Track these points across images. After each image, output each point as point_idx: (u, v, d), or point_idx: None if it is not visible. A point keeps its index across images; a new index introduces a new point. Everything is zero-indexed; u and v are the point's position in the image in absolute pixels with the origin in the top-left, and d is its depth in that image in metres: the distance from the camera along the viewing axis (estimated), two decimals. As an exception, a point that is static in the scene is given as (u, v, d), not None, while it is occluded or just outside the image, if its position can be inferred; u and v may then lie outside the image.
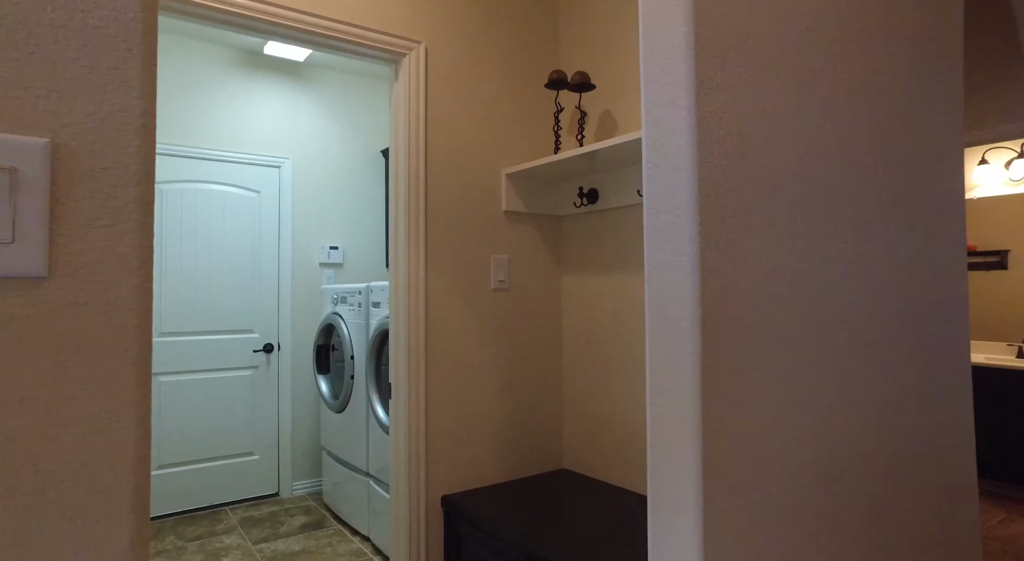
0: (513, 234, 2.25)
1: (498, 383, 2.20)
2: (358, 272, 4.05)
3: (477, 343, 2.15)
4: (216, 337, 3.55)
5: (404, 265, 2.02)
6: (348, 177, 4.03)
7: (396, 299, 2.05)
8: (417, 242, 2.03)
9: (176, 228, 3.45)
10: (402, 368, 2.02)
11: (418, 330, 2.02)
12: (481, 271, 2.16)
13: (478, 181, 2.15)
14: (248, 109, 3.68)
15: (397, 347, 2.04)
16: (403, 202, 2.02)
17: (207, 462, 3.51)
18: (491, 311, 2.18)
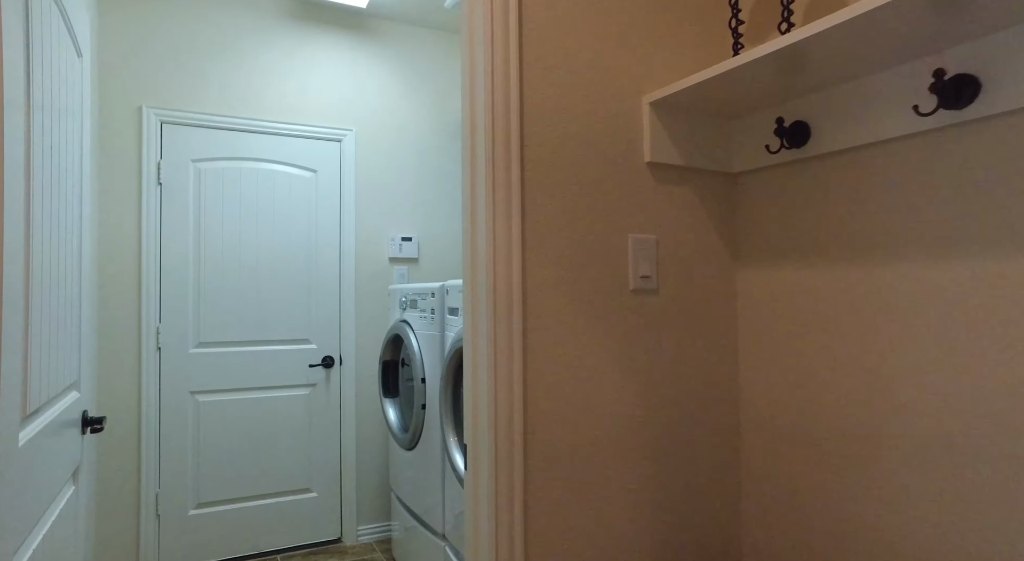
0: (662, 202, 1.39)
1: (640, 444, 1.34)
2: (437, 269, 3.31)
3: (607, 379, 1.30)
4: (266, 349, 2.91)
5: (485, 253, 1.21)
6: (423, 152, 3.30)
7: (472, 308, 1.24)
8: (507, 214, 1.21)
9: (216, 215, 2.84)
10: (484, 423, 1.21)
11: (510, 360, 1.20)
12: (612, 261, 1.32)
13: (604, 118, 1.31)
14: (301, 71, 3.03)
15: (475, 387, 1.24)
16: (483, 154, 1.22)
17: (256, 500, 2.89)
18: (630, 325, 1.34)
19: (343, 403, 3.06)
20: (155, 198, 2.73)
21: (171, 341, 2.75)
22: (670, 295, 1.40)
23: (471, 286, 1.25)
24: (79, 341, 1.51)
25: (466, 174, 1.27)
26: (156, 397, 2.71)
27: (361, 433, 3.11)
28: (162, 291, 2.74)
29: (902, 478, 1.14)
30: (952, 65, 1.03)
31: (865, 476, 1.20)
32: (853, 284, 1.23)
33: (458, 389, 2.18)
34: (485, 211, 1.20)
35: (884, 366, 1.17)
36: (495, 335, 1.20)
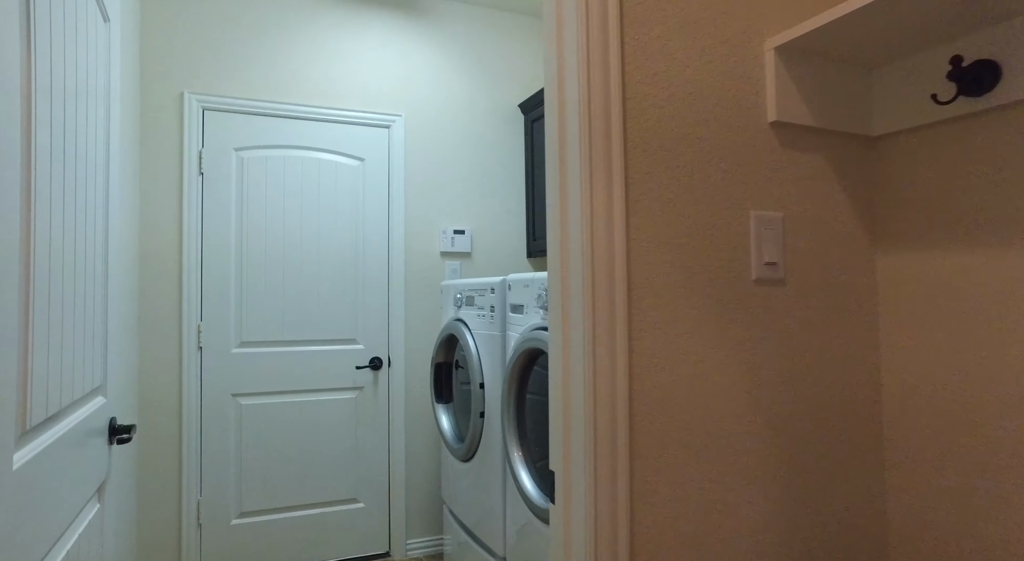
0: (789, 171, 1.13)
1: (767, 472, 1.08)
2: (491, 264, 3.09)
3: (725, 388, 1.05)
4: (310, 349, 2.74)
5: (581, 237, 0.97)
6: (477, 139, 3.08)
7: (562, 304, 1.00)
8: (608, 188, 0.97)
9: (259, 207, 2.68)
10: (579, 444, 0.97)
11: (612, 366, 0.96)
12: (730, 245, 1.06)
13: (719, 69, 1.06)
14: (347, 54, 2.85)
15: (566, 400, 1.00)
16: (576, 114, 0.98)
17: (300, 510, 2.72)
18: (752, 323, 1.07)
19: (392, 407, 2.87)
20: (196, 189, 2.58)
21: (213, 340, 2.60)
22: (799, 286, 1.13)
23: (560, 277, 1.01)
24: (104, 340, 1.33)
25: (553, 140, 1.03)
26: (197, 399, 2.57)
27: (411, 440, 2.91)
28: (203, 288, 2.59)
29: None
30: None
31: None
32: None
33: (523, 396, 1.95)
34: (580, 185, 0.96)
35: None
36: (594, 337, 0.95)
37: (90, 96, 1.20)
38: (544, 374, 1.85)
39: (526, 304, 1.90)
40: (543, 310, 1.77)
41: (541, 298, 1.75)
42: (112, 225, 1.39)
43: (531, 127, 3.08)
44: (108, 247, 1.36)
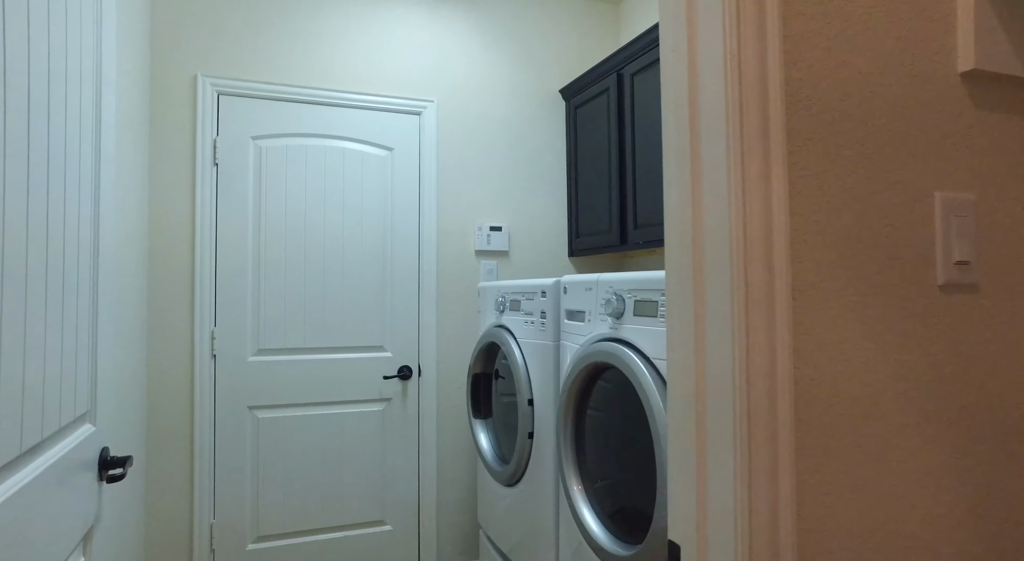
0: (984, 140, 0.85)
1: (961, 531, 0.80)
2: (530, 264, 2.83)
3: (907, 427, 0.77)
4: (334, 357, 2.49)
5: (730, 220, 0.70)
6: (514, 126, 2.82)
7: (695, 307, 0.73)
8: (764, 154, 0.70)
9: (279, 201, 2.44)
10: (724, 508, 0.70)
11: (772, 396, 0.69)
12: (905, 237, 0.79)
13: (886, 6, 0.78)
14: (375, 35, 2.60)
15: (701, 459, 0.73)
16: (720, 52, 0.71)
17: (323, 533, 2.47)
18: (934, 342, 0.80)
19: (422, 421, 2.61)
20: (211, 181, 2.35)
21: (227, 347, 2.36)
22: (999, 294, 0.85)
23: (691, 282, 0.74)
24: (93, 357, 1.09)
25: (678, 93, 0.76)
26: (211, 412, 2.33)
27: (443, 457, 2.65)
28: (217, 290, 2.35)
29: None
30: None
31: None
32: None
33: (583, 418, 1.68)
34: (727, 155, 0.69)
35: None
36: (747, 357, 0.68)
37: (71, 77, 0.95)
38: (609, 389, 1.58)
39: (588, 310, 1.63)
40: (612, 318, 1.50)
41: (610, 303, 1.48)
42: (105, 222, 1.14)
43: (574, 114, 2.81)
44: (98, 247, 1.11)
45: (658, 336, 1.35)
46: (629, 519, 1.49)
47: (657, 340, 1.35)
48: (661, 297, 1.35)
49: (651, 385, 1.32)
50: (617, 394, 1.54)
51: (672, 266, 0.79)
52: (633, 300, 1.44)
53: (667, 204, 0.80)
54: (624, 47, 2.38)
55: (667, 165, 0.79)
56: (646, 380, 1.33)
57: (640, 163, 2.31)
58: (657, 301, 1.36)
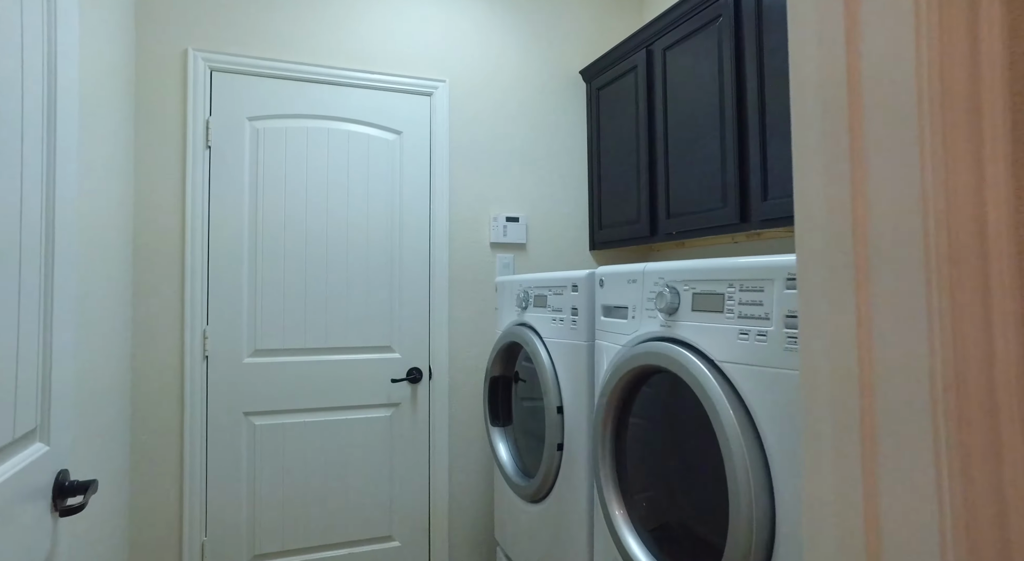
0: None
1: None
2: (549, 257, 2.62)
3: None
4: (338, 358, 2.28)
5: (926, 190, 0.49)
6: (531, 109, 2.62)
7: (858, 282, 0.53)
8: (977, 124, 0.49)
9: (277, 188, 2.23)
10: None
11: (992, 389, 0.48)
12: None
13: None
14: (383, 8, 2.39)
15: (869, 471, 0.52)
16: None
17: (326, 551, 2.26)
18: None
19: (433, 428, 2.40)
20: (203, 166, 2.14)
21: (221, 348, 2.15)
22: None
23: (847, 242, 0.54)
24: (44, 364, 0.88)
25: None
26: (202, 419, 2.12)
27: (455, 467, 2.44)
28: (210, 285, 2.15)
29: None
30: None
31: None
32: None
33: (624, 428, 1.47)
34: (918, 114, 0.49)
35: None
36: (940, 356, 0.48)
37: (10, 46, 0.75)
38: (656, 396, 1.37)
39: (632, 306, 1.42)
40: (664, 314, 1.29)
41: (662, 297, 1.27)
42: (63, 208, 0.93)
43: (596, 96, 2.60)
44: (53, 236, 0.90)
45: (723, 334, 1.14)
46: (674, 539, 1.29)
47: (722, 339, 1.14)
48: (728, 289, 1.14)
49: (717, 391, 1.11)
50: (667, 401, 1.33)
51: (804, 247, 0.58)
52: (691, 293, 1.23)
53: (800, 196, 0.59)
54: (654, 21, 2.18)
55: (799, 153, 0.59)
56: (711, 385, 1.12)
57: (674, 147, 2.11)
58: (723, 293, 1.15)
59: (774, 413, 1.03)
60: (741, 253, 2.24)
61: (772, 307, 1.05)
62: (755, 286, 1.09)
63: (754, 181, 1.78)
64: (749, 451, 1.05)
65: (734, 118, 1.84)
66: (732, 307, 1.13)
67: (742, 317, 1.11)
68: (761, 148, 1.75)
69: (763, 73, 1.76)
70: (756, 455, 1.05)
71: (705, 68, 1.97)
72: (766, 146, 1.74)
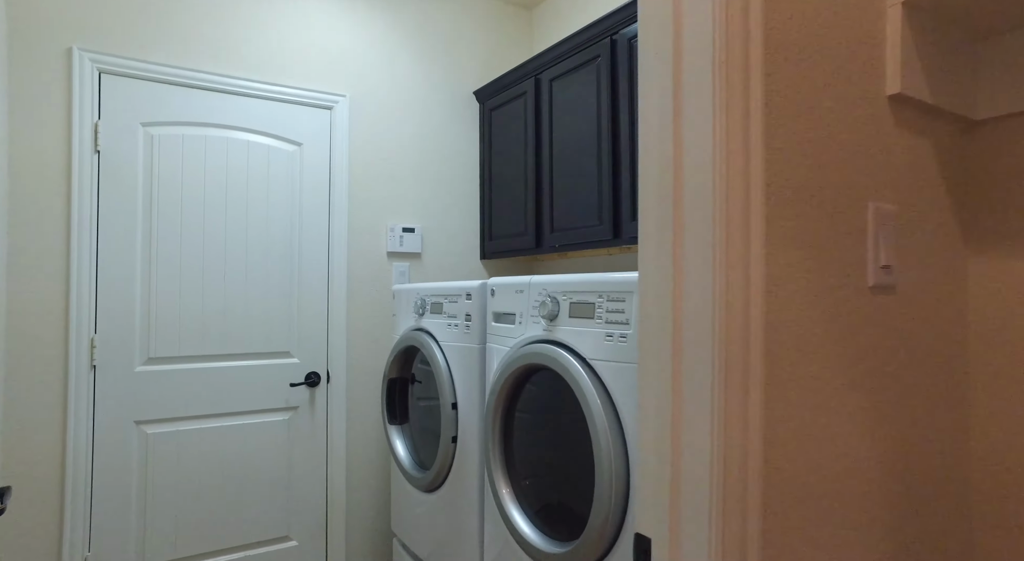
0: (902, 156, 0.95)
1: (885, 505, 0.89)
2: (443, 266, 2.79)
3: (846, 416, 0.84)
4: (236, 364, 2.32)
5: (711, 226, 0.73)
6: (428, 126, 2.78)
7: (673, 314, 0.76)
8: (745, 160, 0.73)
9: (173, 195, 2.23)
10: (699, 492, 0.72)
11: (745, 394, 0.72)
12: (844, 243, 0.86)
13: (845, 21, 0.85)
14: (285, 21, 2.46)
15: (676, 432, 0.75)
16: (712, 71, 0.73)
17: (221, 555, 2.28)
18: (867, 340, 0.88)
19: (331, 430, 2.49)
20: (90, 170, 2.10)
21: (110, 357, 2.12)
22: (908, 292, 0.95)
23: (664, 280, 0.77)
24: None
25: (659, 103, 0.78)
26: (88, 430, 2.08)
27: (353, 466, 2.54)
28: (99, 292, 2.11)
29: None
30: None
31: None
32: None
33: (511, 420, 1.67)
34: (714, 152, 0.72)
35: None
36: (725, 357, 0.71)
37: None
38: (538, 391, 1.59)
39: (519, 312, 1.63)
40: (546, 319, 1.51)
41: (545, 305, 1.49)
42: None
43: (488, 116, 2.81)
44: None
45: (593, 337, 1.38)
46: (556, 517, 1.51)
47: (593, 340, 1.38)
48: (598, 299, 1.38)
49: (588, 384, 1.34)
50: (547, 396, 1.55)
51: (649, 270, 0.81)
52: (568, 302, 1.45)
53: (642, 188, 0.81)
54: (543, 52, 2.42)
55: (642, 152, 0.81)
56: (583, 379, 1.35)
57: (557, 168, 2.36)
58: (594, 303, 1.38)
59: (631, 399, 1.27)
60: (614, 265, 2.53)
61: (631, 314, 1.29)
62: (619, 297, 1.33)
63: (624, 203, 2.06)
64: (612, 431, 1.28)
65: (609, 147, 2.12)
66: (601, 314, 1.37)
67: (608, 322, 1.34)
68: (631, 174, 2.03)
69: (634, 110, 2.04)
70: (617, 434, 1.28)
71: (585, 100, 2.23)
72: (635, 173, 2.02)
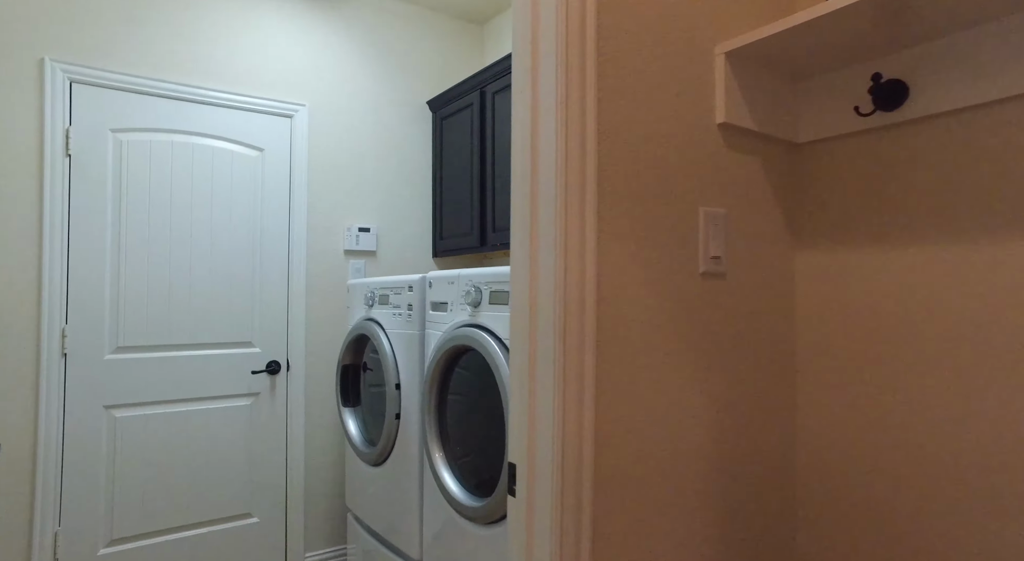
0: (732, 172, 1.20)
1: (708, 451, 1.14)
2: (397, 263, 3.00)
3: (679, 381, 1.09)
4: (201, 353, 2.50)
5: (554, 229, 0.96)
6: (383, 134, 2.99)
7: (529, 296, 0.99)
8: (581, 176, 0.97)
9: (141, 196, 2.41)
10: (546, 433, 0.96)
11: (581, 365, 0.96)
12: (683, 239, 1.11)
13: (676, 70, 1.10)
14: (248, 35, 2.65)
15: (532, 398, 0.99)
16: (554, 103, 0.97)
17: (186, 530, 2.46)
18: (699, 318, 1.13)
19: (290, 414, 2.68)
20: (62, 172, 2.27)
21: (81, 346, 2.29)
22: (737, 279, 1.20)
23: (525, 267, 1.00)
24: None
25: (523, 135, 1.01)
26: (59, 414, 2.24)
27: (311, 447, 2.74)
28: (70, 286, 2.27)
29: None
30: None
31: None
32: (946, 264, 1.07)
33: (444, 396, 1.90)
34: (555, 173, 0.95)
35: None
36: (564, 330, 0.95)
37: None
38: (467, 375, 1.82)
39: (451, 301, 1.86)
40: (471, 307, 1.74)
41: (470, 295, 1.72)
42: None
43: (439, 125, 3.03)
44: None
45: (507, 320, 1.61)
46: (482, 477, 1.74)
47: (507, 323, 1.61)
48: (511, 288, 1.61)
49: (503, 361, 1.57)
50: (476, 379, 1.78)
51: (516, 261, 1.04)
52: (489, 291, 1.69)
53: (512, 205, 1.04)
54: (487, 67, 2.65)
55: (514, 175, 1.04)
56: (499, 357, 1.58)
57: (499, 174, 2.59)
58: (507, 291, 1.61)
59: (536, 373, 1.50)
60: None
61: (537, 300, 1.52)
62: (529, 286, 1.56)
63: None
64: (519, 399, 1.52)
65: (541, 156, 2.35)
66: (514, 301, 1.60)
67: (520, 308, 1.58)
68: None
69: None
70: (524, 402, 1.52)
71: (521, 114, 2.46)
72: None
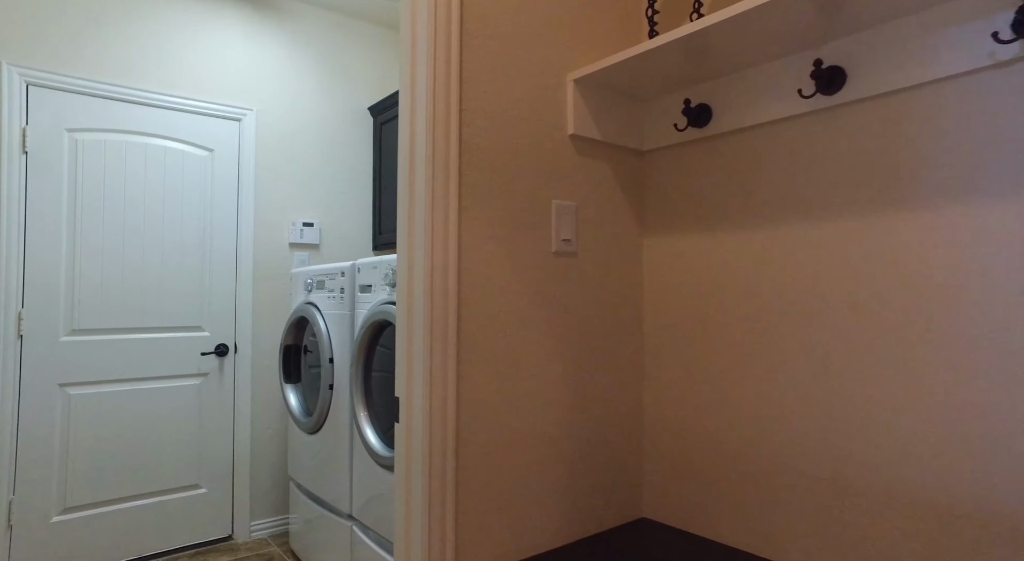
0: (582, 172, 1.51)
1: (561, 396, 1.44)
2: (339, 255, 3.26)
3: (533, 338, 1.39)
4: (152, 336, 2.71)
5: (424, 213, 1.25)
6: (327, 137, 3.24)
7: (408, 264, 1.28)
8: (446, 174, 1.26)
9: (96, 191, 2.62)
10: (419, 372, 1.25)
11: (446, 314, 1.25)
12: (537, 225, 1.41)
13: (534, 93, 1.41)
14: (199, 43, 2.87)
15: (410, 343, 1.28)
16: (424, 115, 1.26)
17: (136, 500, 2.67)
18: (553, 288, 1.43)
19: (237, 393, 2.91)
20: (19, 168, 2.46)
21: (37, 328, 2.48)
22: (588, 258, 1.51)
23: (407, 250, 1.29)
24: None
25: (404, 141, 1.31)
26: (14, 391, 2.44)
27: (257, 424, 2.97)
28: (26, 273, 2.47)
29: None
30: (828, 56, 1.24)
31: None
32: (727, 248, 1.41)
33: (370, 367, 2.17)
34: (425, 174, 1.25)
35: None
36: (432, 290, 1.24)
37: None
38: (387, 354, 2.10)
39: (374, 284, 2.14)
40: (390, 287, 2.02)
41: (388, 277, 2.00)
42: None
43: (379, 129, 3.30)
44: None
45: (421, 298, 1.89)
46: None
47: (420, 301, 1.89)
48: (422, 270, 1.90)
49: (414, 332, 1.86)
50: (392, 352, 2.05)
51: (401, 244, 1.33)
52: (404, 273, 1.97)
53: (399, 204, 1.33)
54: (419, 79, 2.93)
55: (400, 181, 1.33)
56: (411, 329, 1.87)
57: (429, 174, 2.87)
58: (419, 273, 1.90)
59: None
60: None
61: (441, 280, 1.81)
62: (437, 268, 1.85)
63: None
64: (425, 362, 1.80)
65: (464, 159, 2.65)
66: (424, 281, 1.88)
67: (428, 287, 1.86)
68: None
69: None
70: (428, 364, 1.80)
71: (448, 121, 2.76)
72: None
